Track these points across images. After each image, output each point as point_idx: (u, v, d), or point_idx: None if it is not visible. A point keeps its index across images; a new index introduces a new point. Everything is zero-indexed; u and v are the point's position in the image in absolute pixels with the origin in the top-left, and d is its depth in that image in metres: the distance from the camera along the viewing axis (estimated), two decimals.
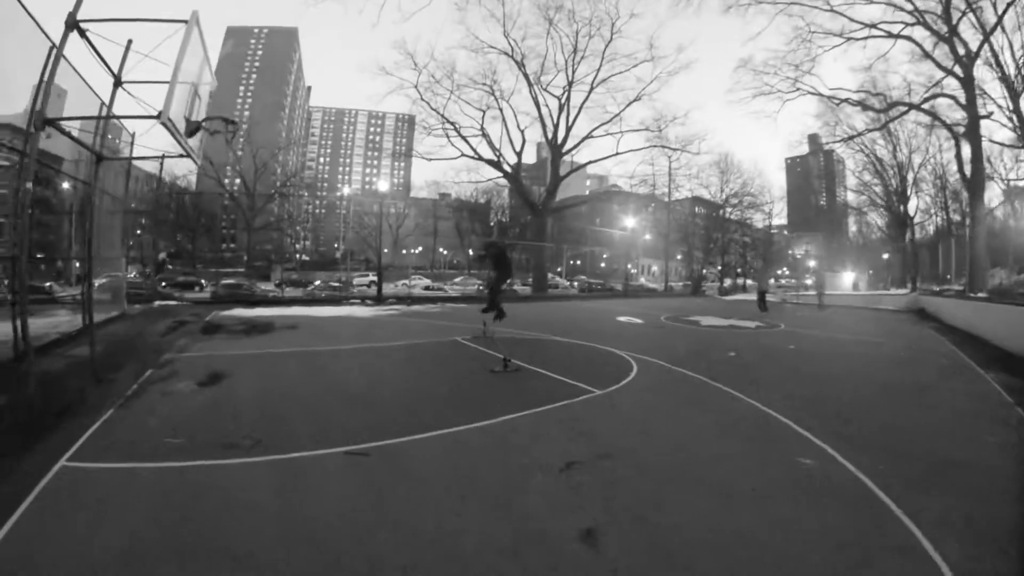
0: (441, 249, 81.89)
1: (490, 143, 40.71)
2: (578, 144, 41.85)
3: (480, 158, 40.72)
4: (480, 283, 40.93)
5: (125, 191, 15.81)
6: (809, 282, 63.39)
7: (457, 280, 50.80)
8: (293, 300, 25.49)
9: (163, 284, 31.07)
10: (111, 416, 6.17)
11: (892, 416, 7.05)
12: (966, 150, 31.50)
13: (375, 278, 44.65)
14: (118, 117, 8.78)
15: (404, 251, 73.28)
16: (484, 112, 40.19)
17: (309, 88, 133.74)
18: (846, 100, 36.17)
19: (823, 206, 78.15)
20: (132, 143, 14.23)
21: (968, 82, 28.95)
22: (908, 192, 46.77)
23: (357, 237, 69.45)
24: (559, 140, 41.04)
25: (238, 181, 62.45)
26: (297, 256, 72.46)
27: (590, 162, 43.78)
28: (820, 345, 14.39)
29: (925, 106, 33.07)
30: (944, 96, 31.46)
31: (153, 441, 5.41)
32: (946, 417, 7.07)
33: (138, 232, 36.28)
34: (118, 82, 8.92)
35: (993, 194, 36.70)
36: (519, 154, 42.16)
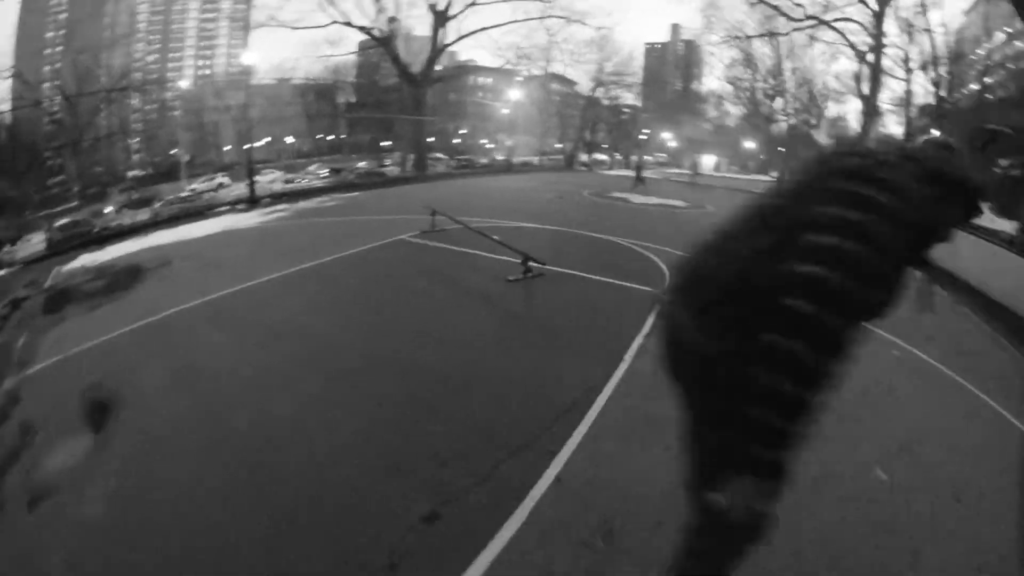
0: (287, 138, 74.54)
1: (380, 6, 38.09)
2: (464, 9, 39.24)
3: (351, 24, 38.01)
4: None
5: None
6: (662, 157, 67.35)
7: (311, 168, 46.24)
8: (147, 224, 19.82)
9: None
10: None
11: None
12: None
13: (223, 180, 38.79)
14: None
15: (248, 145, 65.04)
16: None
17: None
18: (763, 1, 38.33)
19: (680, 91, 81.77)
20: None
21: (879, 16, 32.60)
22: (778, 92, 50.29)
23: (196, 138, 59.97)
24: (443, 4, 38.42)
25: (59, 99, 50.99)
26: (137, 172, 61.20)
27: (481, 29, 40.23)
28: None
29: (836, 25, 35.93)
30: (852, 21, 34.65)
31: None
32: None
33: None
34: None
35: (851, 108, 42.70)
36: (393, 20, 39.71)
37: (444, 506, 3.06)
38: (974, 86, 33.85)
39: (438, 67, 42.01)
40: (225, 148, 40.73)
